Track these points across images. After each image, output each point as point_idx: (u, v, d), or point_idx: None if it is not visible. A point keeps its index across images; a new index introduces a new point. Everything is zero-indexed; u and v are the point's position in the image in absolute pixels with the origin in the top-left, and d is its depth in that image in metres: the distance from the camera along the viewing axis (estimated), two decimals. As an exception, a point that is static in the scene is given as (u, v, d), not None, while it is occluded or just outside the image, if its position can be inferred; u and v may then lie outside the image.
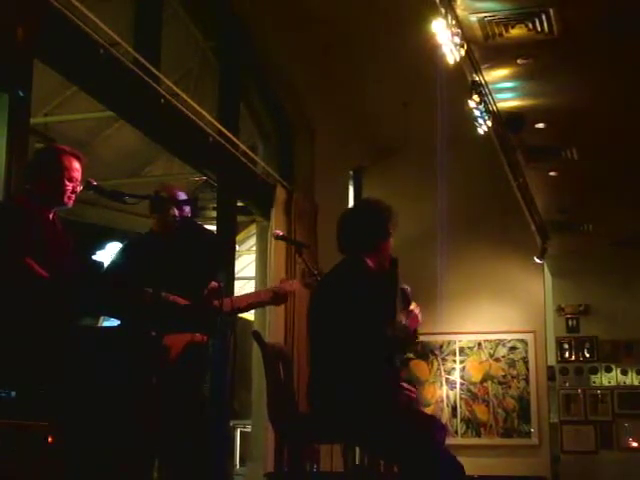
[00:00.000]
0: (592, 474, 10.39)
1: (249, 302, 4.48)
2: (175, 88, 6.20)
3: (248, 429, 8.38)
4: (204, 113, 6.52)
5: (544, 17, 5.69)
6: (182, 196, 4.33)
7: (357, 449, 4.41)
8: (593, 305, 11.08)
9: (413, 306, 4.02)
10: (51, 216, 3.77)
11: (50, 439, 3.11)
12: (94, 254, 6.89)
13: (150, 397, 3.60)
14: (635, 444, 10.65)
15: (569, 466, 10.43)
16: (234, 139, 7.00)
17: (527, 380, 10.13)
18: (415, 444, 3.68)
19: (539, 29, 5.82)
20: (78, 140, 7.28)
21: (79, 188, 3.78)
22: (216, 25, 7.16)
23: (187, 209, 4.29)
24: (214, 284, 4.24)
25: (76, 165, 3.79)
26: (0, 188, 4.27)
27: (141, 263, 4.03)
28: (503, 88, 6.85)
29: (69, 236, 3.89)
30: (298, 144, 8.37)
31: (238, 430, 8.90)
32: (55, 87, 6.51)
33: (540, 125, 7.38)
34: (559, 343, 10.99)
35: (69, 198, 3.77)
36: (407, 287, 4.04)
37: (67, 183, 3.73)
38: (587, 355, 11.07)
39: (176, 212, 4.23)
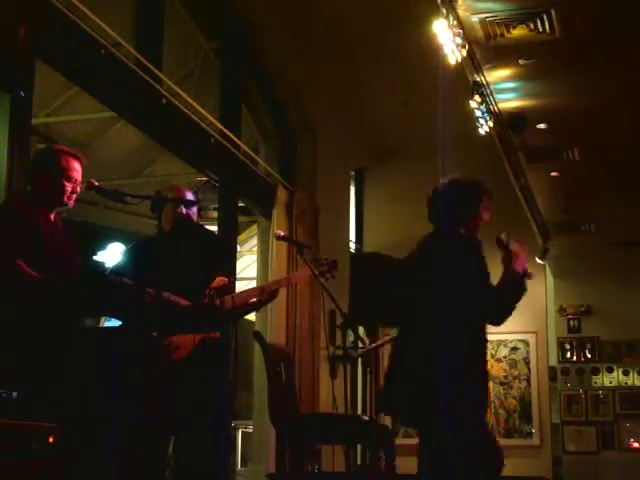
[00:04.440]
0: (594, 474, 10.39)
1: (248, 301, 4.45)
2: (177, 88, 6.20)
3: (249, 430, 8.38)
4: (206, 114, 6.52)
5: (545, 17, 5.70)
6: (190, 196, 4.34)
7: (359, 449, 4.42)
8: (594, 306, 11.09)
9: (515, 248, 3.95)
10: (52, 217, 3.77)
11: (51, 439, 3.12)
12: (96, 254, 6.90)
13: (151, 397, 3.60)
14: (637, 444, 10.66)
15: (570, 466, 10.44)
16: (236, 139, 6.99)
17: (529, 380, 10.13)
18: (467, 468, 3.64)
19: (540, 29, 5.83)
20: (79, 140, 7.29)
21: (79, 188, 3.79)
22: (218, 26, 7.16)
23: (194, 210, 4.30)
24: (223, 280, 4.24)
25: (76, 165, 3.79)
26: (2, 189, 4.26)
27: (146, 264, 4.03)
28: (504, 88, 6.86)
29: (72, 237, 3.89)
30: (299, 144, 8.36)
31: (239, 431, 8.90)
32: (57, 87, 6.51)
33: (541, 125, 7.40)
34: (560, 344, 11.00)
35: (69, 198, 3.76)
36: (502, 235, 4.02)
37: (66, 184, 3.73)
38: (588, 355, 11.08)
39: (184, 211, 4.24)
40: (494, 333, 10.65)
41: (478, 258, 3.80)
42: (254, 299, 4.40)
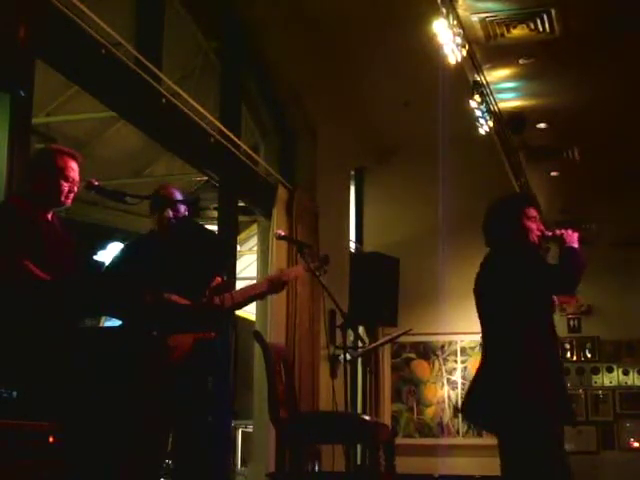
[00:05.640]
0: (594, 475, 10.37)
1: (249, 295, 4.46)
2: (176, 88, 6.20)
3: (249, 429, 8.39)
4: (206, 113, 6.52)
5: (545, 17, 5.71)
6: (178, 196, 4.32)
7: (359, 449, 4.41)
8: (595, 305, 11.07)
9: (558, 231, 4.13)
10: (50, 217, 3.76)
11: (51, 439, 3.11)
12: (95, 254, 6.90)
13: (150, 397, 3.60)
14: (637, 444, 10.65)
15: (570, 466, 10.40)
16: (235, 139, 6.99)
17: (529, 380, 10.12)
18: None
19: (540, 29, 5.84)
20: (79, 140, 7.29)
21: (77, 187, 3.78)
22: (218, 25, 7.16)
23: (182, 209, 4.28)
24: (218, 279, 4.24)
25: (73, 165, 3.78)
26: (1, 189, 4.26)
27: (141, 263, 4.03)
28: (504, 88, 6.86)
29: (71, 236, 3.88)
30: (299, 144, 8.36)
31: (239, 430, 8.90)
32: (57, 87, 6.51)
33: (541, 125, 7.40)
34: (560, 343, 10.97)
35: (67, 198, 3.76)
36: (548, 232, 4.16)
37: (63, 183, 3.73)
38: (589, 355, 11.08)
39: (170, 213, 4.23)
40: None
41: (531, 255, 4.00)
42: (263, 289, 4.44)
